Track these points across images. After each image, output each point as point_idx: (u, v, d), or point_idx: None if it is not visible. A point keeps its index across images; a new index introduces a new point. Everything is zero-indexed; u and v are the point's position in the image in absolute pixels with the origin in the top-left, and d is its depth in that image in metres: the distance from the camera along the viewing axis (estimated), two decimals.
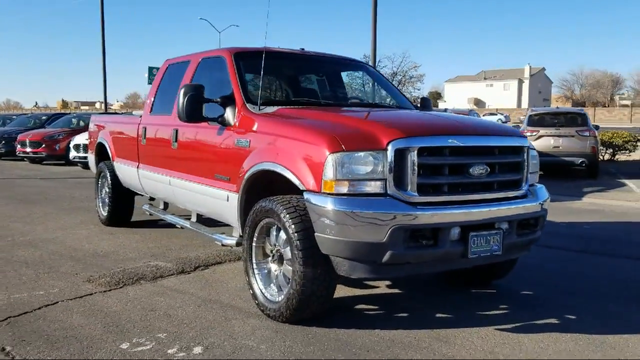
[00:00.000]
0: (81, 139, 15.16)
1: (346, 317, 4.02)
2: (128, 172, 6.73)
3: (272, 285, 4.06)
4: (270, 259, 4.09)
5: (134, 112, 8.59)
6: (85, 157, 14.20)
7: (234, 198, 4.39)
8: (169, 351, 3.46)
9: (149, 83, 19.37)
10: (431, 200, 3.55)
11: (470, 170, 3.67)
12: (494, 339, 3.71)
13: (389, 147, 3.47)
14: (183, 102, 4.49)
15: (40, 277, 5.03)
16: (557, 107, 22.64)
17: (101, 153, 7.68)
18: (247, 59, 4.97)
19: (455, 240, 3.58)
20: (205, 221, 5.66)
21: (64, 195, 10.44)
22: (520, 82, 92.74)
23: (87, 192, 10.44)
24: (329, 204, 3.43)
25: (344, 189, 3.45)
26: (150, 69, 22.05)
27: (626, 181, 13.06)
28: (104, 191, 7.55)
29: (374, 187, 3.47)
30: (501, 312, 4.27)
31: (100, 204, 7.67)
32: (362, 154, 3.45)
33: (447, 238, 3.53)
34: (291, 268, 3.75)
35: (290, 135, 3.84)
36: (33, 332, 3.76)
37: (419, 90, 40.97)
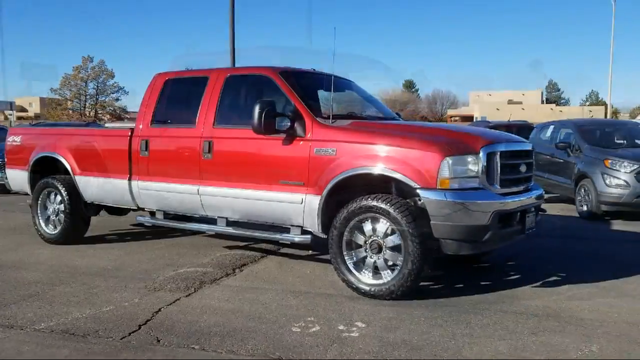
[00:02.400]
0: None
1: (426, 293, 4.92)
2: (106, 186, 6.65)
3: (364, 270, 4.82)
4: (363, 249, 4.83)
5: (106, 124, 8.13)
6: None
7: (313, 200, 5.02)
8: (340, 327, 4.06)
9: None
10: (506, 191, 4.74)
11: (520, 168, 4.96)
12: (528, 291, 5.00)
13: (481, 152, 4.57)
14: (260, 115, 5.00)
15: (96, 293, 4.98)
16: None
17: (42, 169, 7.32)
18: (291, 78, 5.59)
19: (519, 220, 4.82)
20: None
21: None
22: None
23: None
24: (447, 197, 4.39)
25: (456, 185, 4.45)
26: None
27: None
28: (51, 209, 7.22)
29: (473, 182, 4.54)
30: (514, 276, 5.60)
31: (43, 223, 7.29)
32: (466, 157, 4.50)
33: (516, 219, 4.75)
34: (397, 253, 4.59)
35: (396, 143, 4.68)
36: (182, 334, 3.97)
37: None
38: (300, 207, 5.14)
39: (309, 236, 5.22)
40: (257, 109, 5.02)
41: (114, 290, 5.04)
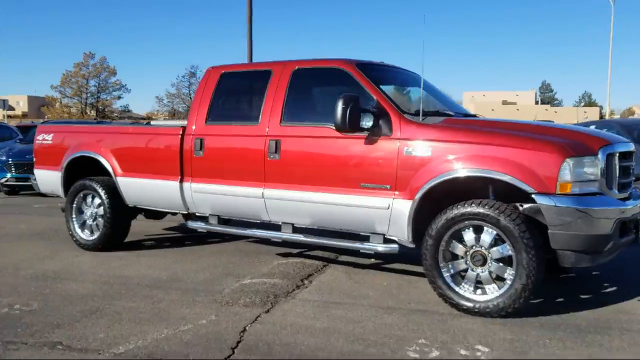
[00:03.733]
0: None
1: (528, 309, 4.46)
2: (153, 188, 6.15)
3: (464, 284, 4.36)
4: (462, 260, 4.37)
5: (152, 122, 7.58)
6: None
7: (403, 206, 4.56)
8: (462, 352, 3.59)
9: None
10: (622, 197, 4.30)
11: (630, 170, 4.52)
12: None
13: (600, 153, 4.12)
14: (345, 111, 4.53)
15: (164, 309, 4.50)
16: None
17: (76, 170, 6.80)
18: (369, 71, 5.12)
19: (633, 227, 4.38)
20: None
21: None
22: None
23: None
24: (569, 204, 3.93)
25: (577, 189, 4.00)
26: None
27: None
28: (88, 212, 6.70)
29: (593, 187, 4.09)
30: (610, 288, 5.16)
31: (78, 228, 6.77)
32: (587, 158, 4.05)
33: (632, 227, 4.31)
34: (506, 266, 4.14)
35: (505, 143, 4.21)
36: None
37: None
38: (385, 212, 4.66)
39: (396, 246, 4.75)
40: (341, 104, 4.55)
41: (182, 305, 4.55)
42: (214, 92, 5.86)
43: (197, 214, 6.11)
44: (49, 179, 7.07)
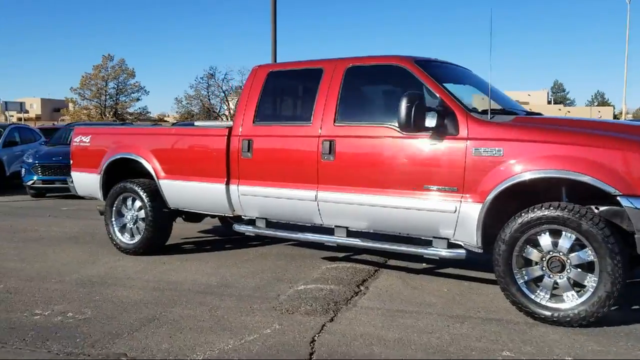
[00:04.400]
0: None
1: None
2: (197, 191, 5.97)
3: (540, 292, 4.13)
4: (538, 266, 4.14)
5: (196, 122, 7.42)
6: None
7: (471, 209, 4.34)
8: None
9: None
10: None
11: None
12: None
13: None
14: (409, 110, 4.32)
15: (223, 317, 4.33)
16: None
17: (117, 172, 6.65)
18: (429, 68, 4.91)
19: None
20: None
21: (21, 228, 8.60)
22: None
23: (29, 221, 8.76)
24: None
25: None
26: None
27: None
28: (129, 216, 6.53)
29: None
30: None
31: (118, 231, 6.61)
32: None
33: None
34: (587, 272, 3.91)
35: (586, 142, 3.98)
36: None
37: None
38: (452, 216, 4.45)
39: (463, 251, 4.54)
40: (405, 103, 4.34)
41: (241, 312, 4.36)
42: (261, 92, 5.67)
43: (242, 216, 5.92)
44: (87, 181, 6.92)
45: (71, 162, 7.16)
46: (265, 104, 5.66)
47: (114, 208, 6.62)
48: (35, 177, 12.10)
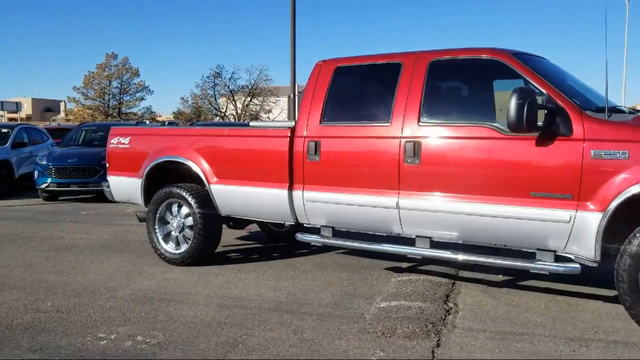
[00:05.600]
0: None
1: None
2: (255, 197, 5.50)
3: None
4: None
5: (251, 123, 6.90)
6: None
7: (590, 219, 3.89)
8: None
9: None
10: None
11: None
12: None
13: None
14: (521, 108, 3.87)
15: (314, 340, 3.86)
16: None
17: (157, 175, 6.16)
18: (530, 61, 4.47)
19: None
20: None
21: (47, 235, 8.07)
22: (289, 97, 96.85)
23: (53, 228, 8.24)
24: None
25: None
26: None
27: None
28: (175, 223, 6.03)
29: None
30: None
31: (162, 240, 6.11)
32: None
33: None
34: None
35: None
36: None
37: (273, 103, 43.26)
38: (565, 226, 4.00)
39: (578, 265, 4.08)
40: (516, 100, 3.89)
41: (330, 336, 3.90)
42: (328, 89, 5.20)
43: (305, 224, 5.44)
44: (126, 186, 6.42)
45: (107, 165, 6.65)
46: (334, 103, 5.19)
47: (158, 215, 6.12)
48: (49, 180, 11.55)
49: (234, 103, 47.07)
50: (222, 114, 46.38)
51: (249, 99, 46.52)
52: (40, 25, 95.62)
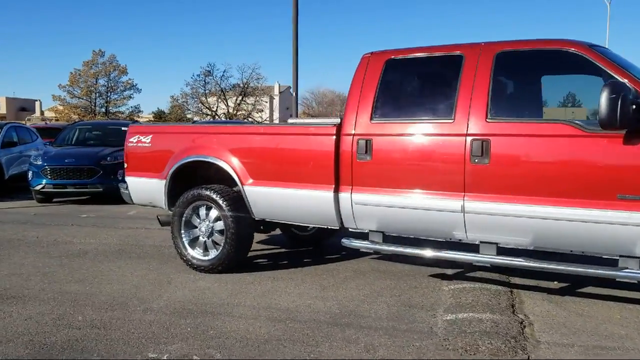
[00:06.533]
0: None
1: None
2: (295, 199, 5.11)
3: None
4: None
5: (291, 120, 6.38)
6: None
7: None
8: None
9: None
10: None
11: None
12: None
13: None
14: (614, 103, 3.56)
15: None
16: None
17: (182, 177, 5.74)
18: (608, 54, 4.16)
19: None
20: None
21: (57, 240, 7.54)
22: (272, 98, 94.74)
23: (57, 232, 7.73)
24: None
25: None
26: None
27: None
28: (203, 227, 5.61)
29: None
30: None
31: (188, 246, 5.68)
32: None
33: None
34: None
35: None
36: None
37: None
38: None
39: None
40: (608, 94, 3.58)
41: (409, 354, 3.57)
42: (379, 84, 4.83)
43: (350, 229, 5.06)
44: (147, 187, 5.96)
45: (125, 165, 6.18)
46: (386, 98, 4.82)
47: (184, 218, 5.67)
48: (44, 181, 10.95)
49: (225, 102, 46.29)
50: (214, 113, 45.60)
51: (240, 97, 45.79)
52: (16, 23, 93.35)
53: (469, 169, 4.29)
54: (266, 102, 45.98)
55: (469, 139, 4.30)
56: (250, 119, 42.72)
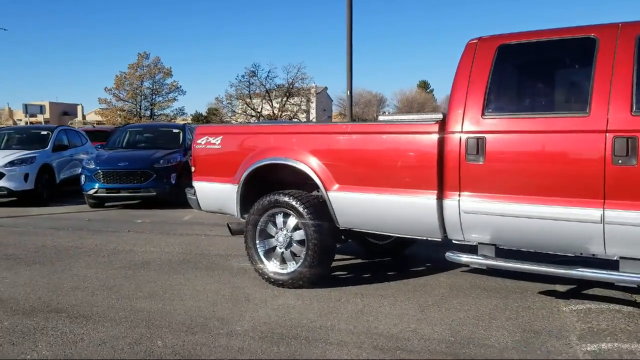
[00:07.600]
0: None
1: None
2: (389, 206, 4.49)
3: None
4: None
5: (382, 117, 5.78)
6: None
7: None
8: None
9: None
10: None
11: None
12: None
13: None
14: None
15: None
16: None
17: (257, 182, 5.18)
18: None
19: None
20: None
21: (115, 249, 7.15)
22: (309, 99, 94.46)
23: (115, 240, 7.31)
24: None
25: None
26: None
27: None
28: (281, 237, 5.04)
29: None
30: None
31: (264, 257, 5.11)
32: None
33: None
34: None
35: None
36: None
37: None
38: None
39: None
40: None
41: None
42: (490, 73, 4.17)
43: (455, 241, 4.42)
44: (217, 193, 5.45)
45: (193, 169, 5.68)
46: (500, 90, 4.18)
47: (259, 227, 5.13)
48: (97, 185, 10.64)
49: (270, 103, 45.96)
50: (258, 114, 45.32)
51: (285, 98, 45.43)
52: (57, 29, 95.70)
53: (611, 171, 3.60)
54: (312, 102, 45.48)
55: (609, 136, 3.61)
56: (297, 119, 42.26)
